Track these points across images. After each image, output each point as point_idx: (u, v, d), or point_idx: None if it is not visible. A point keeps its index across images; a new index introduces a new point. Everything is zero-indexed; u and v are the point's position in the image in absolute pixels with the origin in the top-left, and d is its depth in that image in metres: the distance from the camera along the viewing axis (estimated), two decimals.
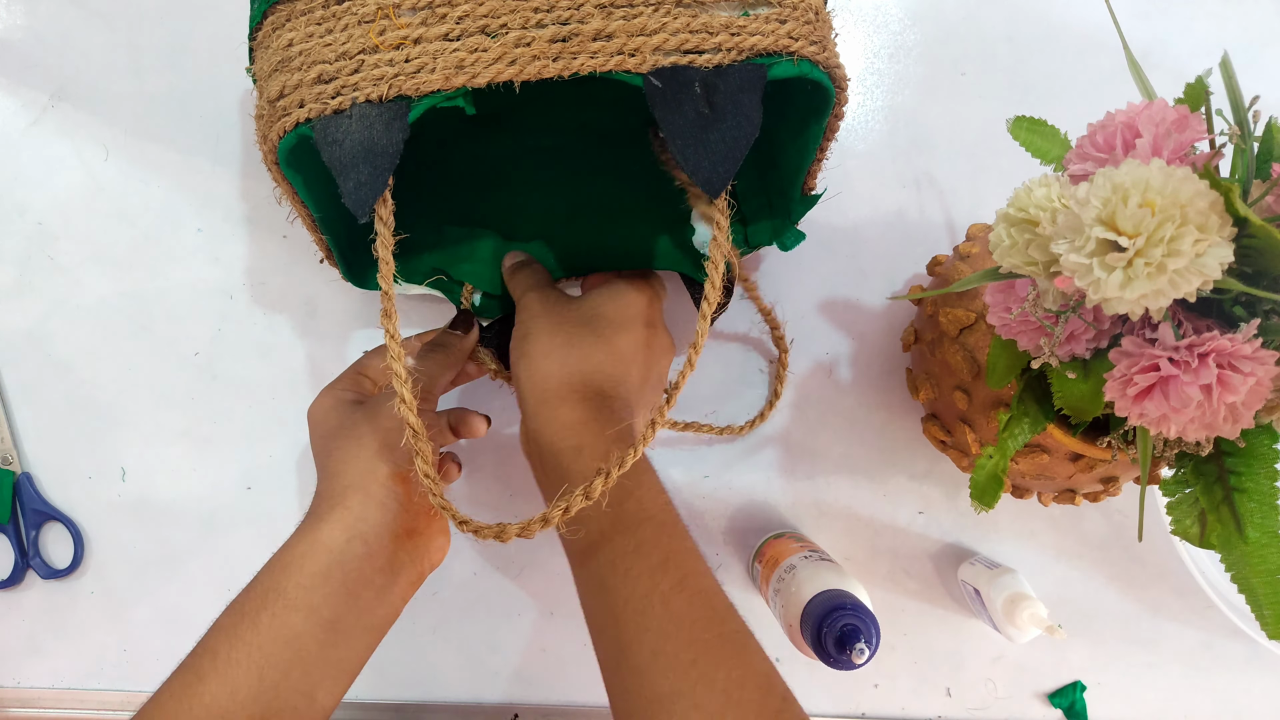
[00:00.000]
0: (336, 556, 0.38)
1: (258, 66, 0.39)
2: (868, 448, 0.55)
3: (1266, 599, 0.31)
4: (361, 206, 0.34)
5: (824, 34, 0.37)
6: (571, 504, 0.35)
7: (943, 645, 0.55)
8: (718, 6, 0.35)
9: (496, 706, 0.56)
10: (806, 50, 0.35)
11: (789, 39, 0.35)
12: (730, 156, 0.34)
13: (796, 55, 0.35)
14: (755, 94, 0.34)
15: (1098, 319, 0.32)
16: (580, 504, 0.35)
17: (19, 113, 0.56)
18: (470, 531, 0.36)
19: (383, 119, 0.34)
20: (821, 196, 0.46)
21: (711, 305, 0.37)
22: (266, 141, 0.37)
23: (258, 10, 0.38)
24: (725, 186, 0.35)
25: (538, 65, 0.34)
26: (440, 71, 0.34)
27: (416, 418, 0.36)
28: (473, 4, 0.34)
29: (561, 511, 0.35)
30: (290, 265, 0.56)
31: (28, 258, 0.56)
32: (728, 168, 0.34)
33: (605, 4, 0.34)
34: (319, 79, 0.35)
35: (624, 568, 0.37)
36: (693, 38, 0.34)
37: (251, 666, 0.36)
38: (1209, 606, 0.52)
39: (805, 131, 0.42)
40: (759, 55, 0.35)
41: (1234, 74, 0.32)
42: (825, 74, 0.36)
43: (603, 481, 0.35)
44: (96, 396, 0.56)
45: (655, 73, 0.34)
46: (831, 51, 0.37)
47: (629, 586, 0.37)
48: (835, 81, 0.37)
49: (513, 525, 0.35)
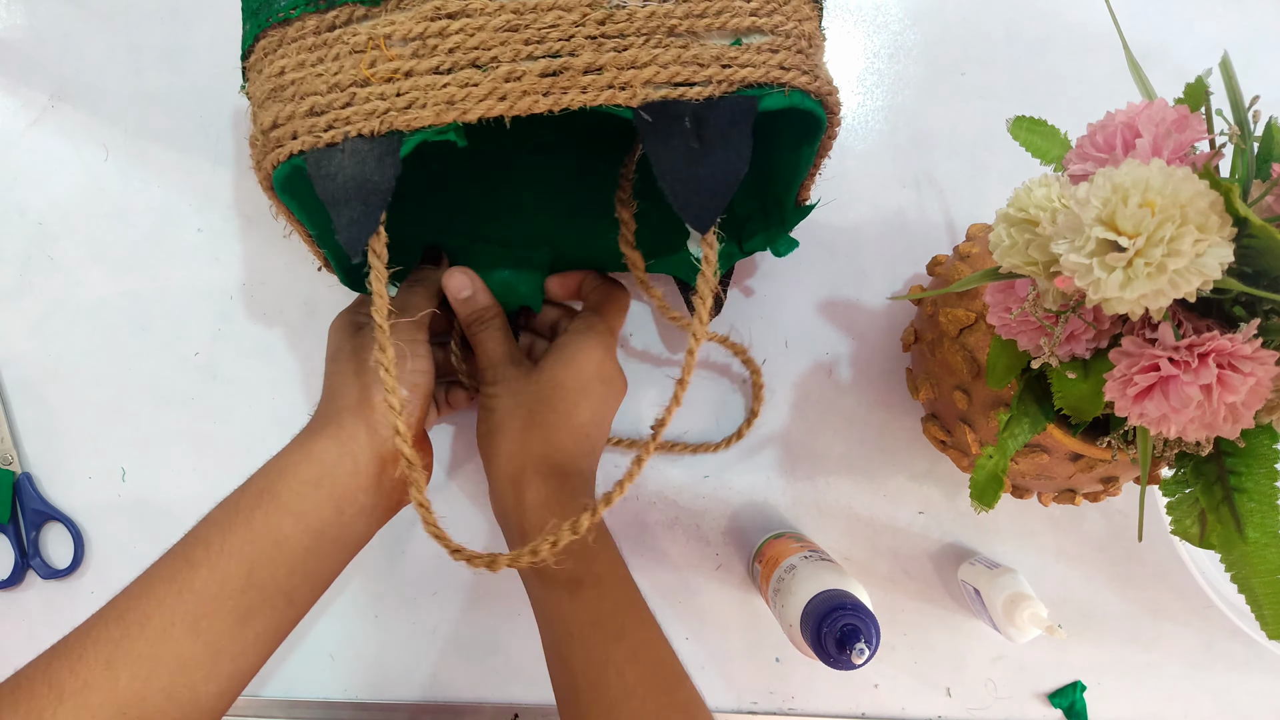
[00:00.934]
0: (328, 469, 0.40)
1: (251, 90, 0.39)
2: (868, 448, 0.56)
3: (1266, 599, 0.31)
4: (355, 245, 0.34)
5: (816, 61, 0.37)
6: (560, 538, 0.36)
7: (943, 645, 0.55)
8: (709, 35, 0.35)
9: (496, 706, 0.56)
10: (798, 81, 0.35)
11: (780, 70, 0.35)
12: (719, 193, 0.34)
13: (788, 86, 0.35)
14: (745, 127, 0.34)
15: (1098, 319, 0.32)
16: (568, 537, 0.36)
17: (19, 113, 0.56)
18: (463, 560, 0.37)
19: (374, 154, 0.34)
20: (815, 207, 0.46)
21: (698, 340, 0.37)
22: (261, 169, 0.37)
23: (249, 33, 0.38)
24: (713, 223, 0.34)
25: (528, 101, 0.34)
26: (431, 107, 0.34)
27: (411, 449, 0.37)
28: (463, 35, 0.34)
29: (550, 545, 0.36)
30: (290, 265, 0.56)
31: (28, 258, 0.56)
32: (716, 204, 0.34)
33: (596, 35, 0.34)
34: (311, 111, 0.35)
35: (582, 638, 0.40)
36: (683, 70, 0.34)
37: (243, 560, 0.38)
38: (1209, 606, 0.52)
39: (798, 152, 0.42)
40: (750, 87, 0.35)
41: (1234, 74, 0.32)
42: (817, 103, 0.36)
43: (589, 517, 0.36)
44: (96, 396, 0.56)
45: (645, 107, 0.34)
46: (824, 80, 0.37)
47: (584, 656, 0.40)
48: (827, 108, 0.37)
49: (503, 556, 0.37)
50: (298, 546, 0.39)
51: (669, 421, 0.38)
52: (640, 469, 0.37)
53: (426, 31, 0.34)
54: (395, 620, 0.56)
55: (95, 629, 0.36)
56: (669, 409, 0.38)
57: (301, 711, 0.56)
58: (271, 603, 0.38)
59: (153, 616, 0.36)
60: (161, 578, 0.37)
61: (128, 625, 0.36)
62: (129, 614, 0.36)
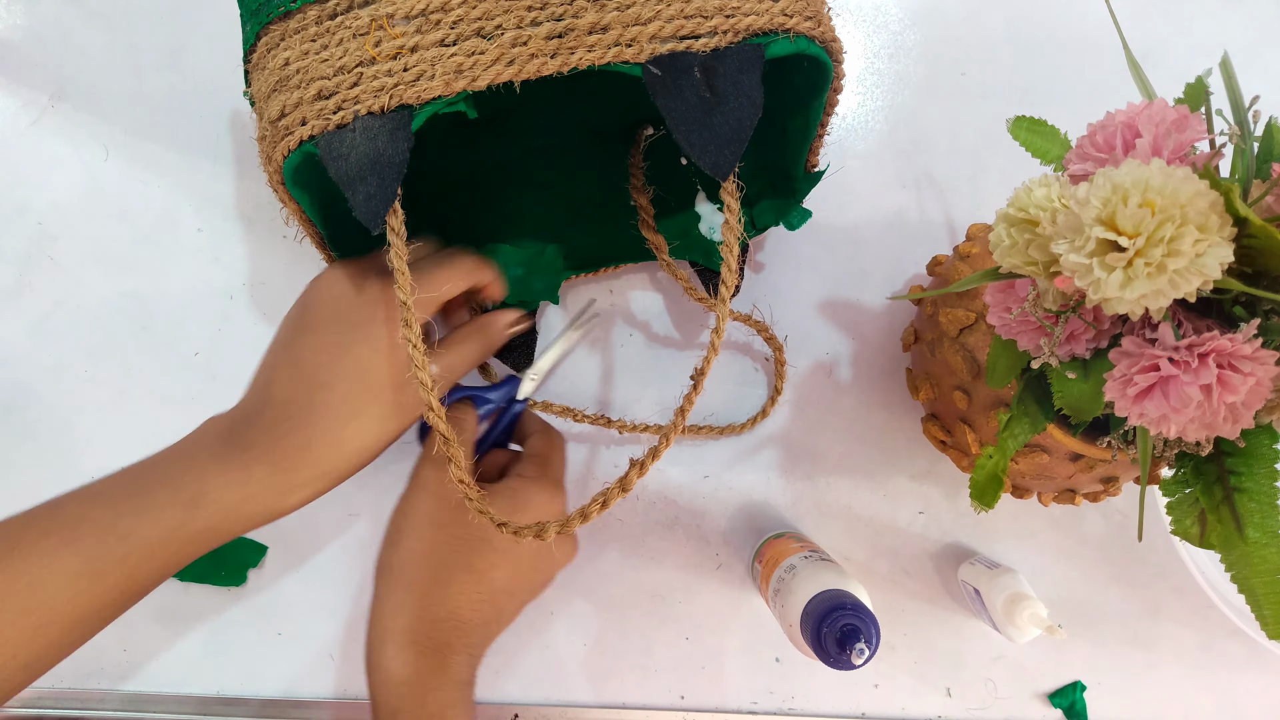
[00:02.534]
0: (245, 516, 0.38)
1: (255, 89, 0.38)
2: (868, 448, 0.55)
3: (1266, 599, 0.31)
4: (373, 218, 0.34)
5: (818, 9, 0.37)
6: (610, 497, 0.35)
7: (943, 645, 0.55)
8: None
9: (496, 706, 0.56)
10: (802, 26, 0.35)
11: (783, 16, 0.35)
12: (736, 138, 0.34)
13: (792, 32, 0.35)
14: (755, 74, 0.34)
15: (1098, 319, 0.32)
16: (618, 497, 0.35)
17: (19, 113, 0.56)
18: (511, 533, 0.35)
19: (386, 129, 0.34)
20: (825, 173, 0.46)
21: (729, 288, 0.37)
22: (271, 162, 0.37)
23: (250, 32, 0.38)
24: (732, 169, 0.34)
25: (536, 63, 0.34)
26: (440, 78, 0.34)
27: (447, 425, 0.36)
28: (466, 8, 0.34)
29: (600, 505, 0.35)
30: (290, 265, 0.55)
31: (28, 258, 0.56)
32: (734, 150, 0.34)
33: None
34: (319, 95, 0.35)
35: None
36: (688, 23, 0.34)
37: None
38: (1209, 606, 0.52)
39: (805, 109, 0.42)
40: (755, 35, 0.35)
41: (1234, 74, 0.32)
42: (822, 49, 0.36)
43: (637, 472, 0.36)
44: (96, 396, 0.56)
45: (654, 61, 0.34)
46: (827, 26, 0.37)
47: None
48: (832, 55, 0.37)
49: (553, 524, 0.35)
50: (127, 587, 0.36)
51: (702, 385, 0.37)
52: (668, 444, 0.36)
53: (429, 7, 0.34)
54: None
55: None
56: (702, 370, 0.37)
57: (301, 711, 0.56)
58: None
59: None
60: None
61: None
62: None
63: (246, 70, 0.39)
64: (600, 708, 0.55)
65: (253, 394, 0.39)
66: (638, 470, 0.36)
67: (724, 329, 0.37)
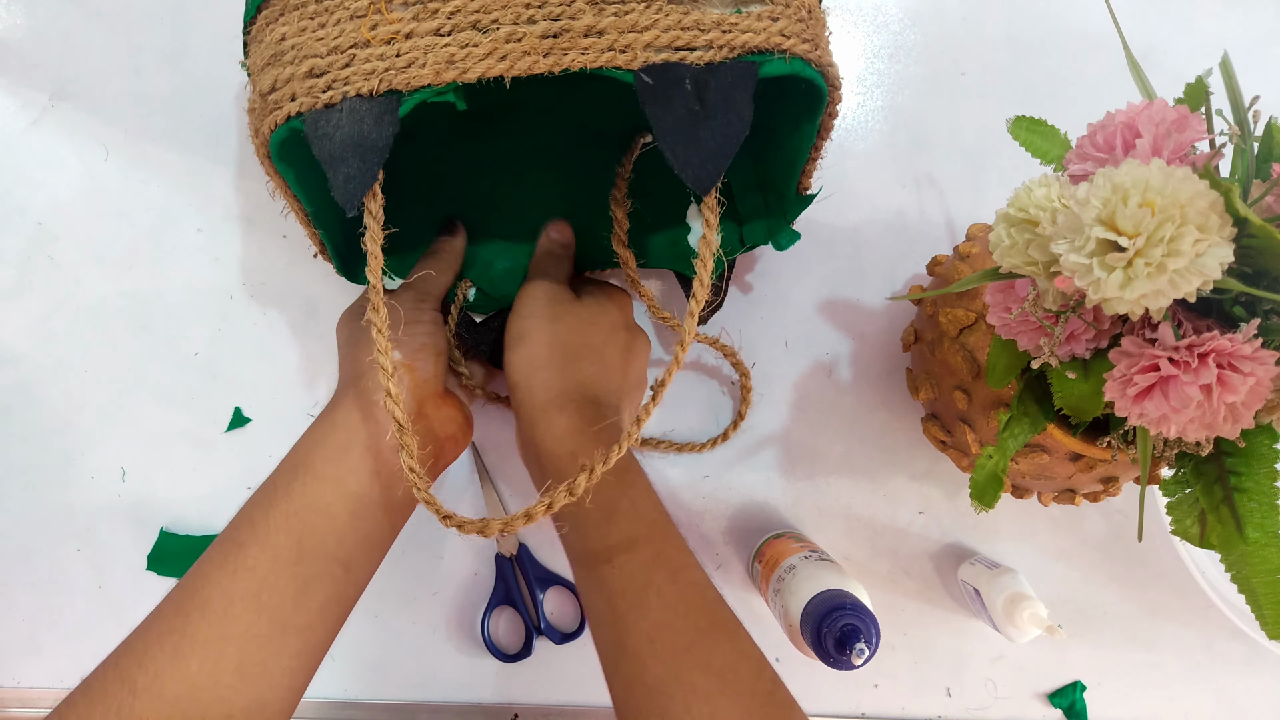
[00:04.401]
0: (354, 434, 0.40)
1: (251, 60, 0.39)
2: (868, 448, 0.55)
3: (1266, 599, 0.31)
4: (350, 200, 0.34)
5: (817, 32, 0.37)
6: (555, 499, 0.35)
7: (943, 645, 0.55)
8: (710, 3, 0.35)
9: (496, 706, 0.56)
10: (799, 48, 0.35)
11: (781, 36, 0.35)
12: (720, 153, 0.34)
13: (789, 53, 0.35)
14: (746, 91, 0.34)
15: (1098, 319, 0.32)
16: (564, 499, 0.35)
17: (19, 113, 0.56)
18: (454, 526, 0.36)
19: (373, 113, 0.34)
20: (816, 197, 0.46)
21: (699, 302, 0.37)
22: (258, 134, 0.37)
23: (252, 4, 0.38)
24: (715, 184, 0.34)
25: (528, 61, 0.34)
26: (431, 66, 0.34)
27: (402, 412, 0.37)
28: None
29: (545, 507, 0.35)
30: (290, 265, 0.56)
31: (28, 258, 0.56)
32: (717, 165, 0.34)
33: (597, 0, 0.34)
34: (310, 73, 0.35)
35: (619, 563, 0.39)
36: (684, 35, 0.34)
37: (289, 533, 0.37)
38: (1209, 606, 0.52)
39: (799, 130, 0.42)
40: (751, 53, 0.35)
41: (1234, 74, 0.32)
42: (818, 72, 0.36)
43: (586, 477, 0.36)
44: (96, 396, 0.56)
45: (646, 69, 0.34)
46: (825, 50, 0.37)
47: (625, 580, 0.39)
48: (828, 80, 0.37)
49: (496, 520, 0.36)
50: (341, 513, 0.39)
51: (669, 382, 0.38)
52: (640, 428, 0.37)
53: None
54: (395, 620, 0.56)
55: (155, 622, 0.36)
56: (669, 370, 0.38)
57: (302, 711, 0.56)
58: (328, 571, 0.38)
59: (212, 600, 0.36)
60: (213, 563, 0.37)
61: (188, 613, 0.36)
62: (187, 602, 0.36)
63: (245, 41, 0.40)
64: (600, 707, 0.55)
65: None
66: (587, 476, 0.36)
67: (689, 343, 0.37)
